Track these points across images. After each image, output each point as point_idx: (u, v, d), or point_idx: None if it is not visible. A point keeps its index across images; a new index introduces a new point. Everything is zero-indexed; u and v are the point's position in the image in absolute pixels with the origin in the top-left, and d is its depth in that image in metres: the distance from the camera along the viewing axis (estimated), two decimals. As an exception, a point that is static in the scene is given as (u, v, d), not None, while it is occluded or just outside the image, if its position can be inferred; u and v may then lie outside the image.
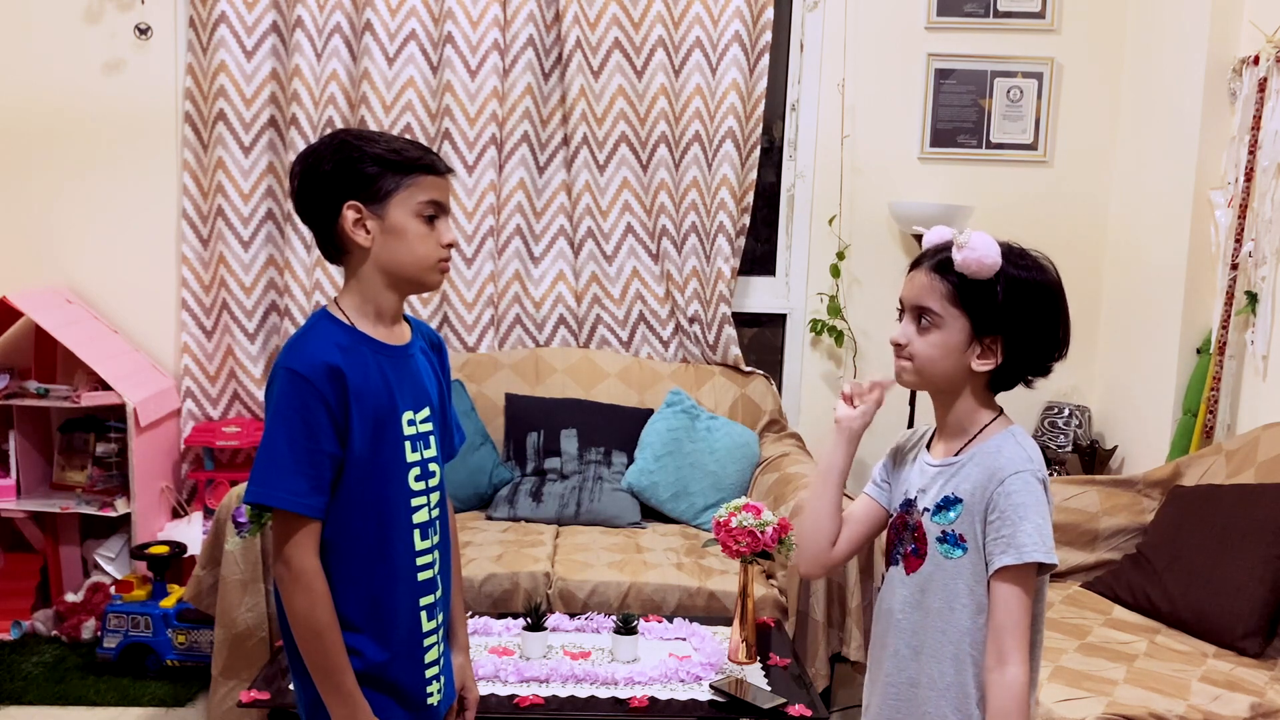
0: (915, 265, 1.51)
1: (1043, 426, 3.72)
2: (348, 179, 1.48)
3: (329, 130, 3.61)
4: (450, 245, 1.54)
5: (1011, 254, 1.44)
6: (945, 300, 1.45)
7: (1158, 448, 3.34)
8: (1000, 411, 1.50)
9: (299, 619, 1.46)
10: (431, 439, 1.56)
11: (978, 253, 1.41)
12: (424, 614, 1.55)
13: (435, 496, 1.57)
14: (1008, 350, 1.45)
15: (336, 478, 1.46)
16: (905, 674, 1.51)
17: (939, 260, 1.46)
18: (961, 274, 1.43)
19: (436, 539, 1.58)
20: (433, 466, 1.57)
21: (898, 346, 1.50)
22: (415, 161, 1.50)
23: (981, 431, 1.48)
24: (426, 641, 1.56)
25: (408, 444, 1.51)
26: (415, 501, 1.53)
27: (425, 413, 1.55)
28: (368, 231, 1.49)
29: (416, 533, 1.53)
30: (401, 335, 1.56)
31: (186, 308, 3.75)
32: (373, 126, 3.63)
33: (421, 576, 1.55)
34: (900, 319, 1.52)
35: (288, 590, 1.47)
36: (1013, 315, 1.43)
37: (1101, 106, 3.77)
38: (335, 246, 1.52)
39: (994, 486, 1.42)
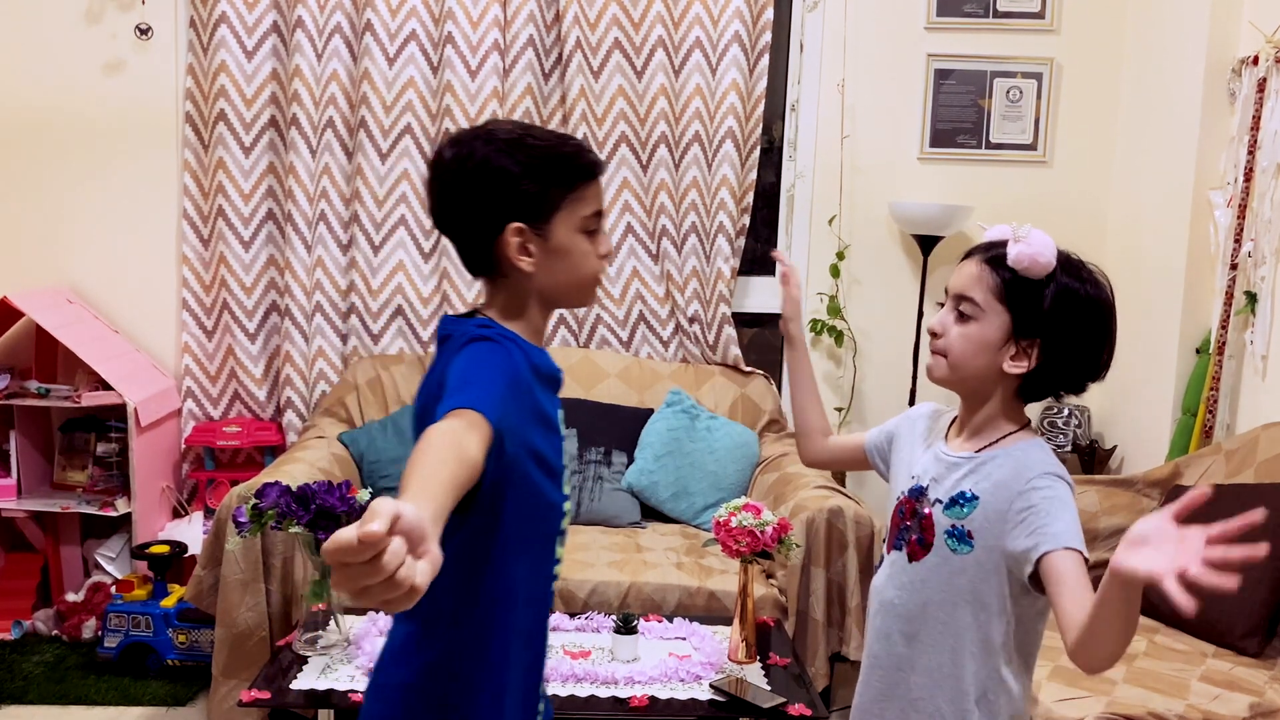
0: (967, 256, 1.49)
1: (1043, 426, 3.72)
2: (506, 198, 1.30)
3: (329, 131, 3.64)
4: (607, 256, 1.39)
5: (1069, 262, 1.43)
6: (990, 293, 1.42)
7: (1157, 448, 3.34)
8: (1027, 423, 1.49)
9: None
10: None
11: (1034, 249, 1.39)
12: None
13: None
14: (1044, 357, 1.42)
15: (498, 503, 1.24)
16: (898, 658, 1.51)
17: (993, 255, 1.44)
18: (1013, 270, 1.41)
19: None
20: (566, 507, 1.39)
21: (933, 335, 1.47)
22: (577, 168, 1.33)
23: (1006, 437, 1.46)
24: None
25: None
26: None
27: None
28: (531, 255, 1.32)
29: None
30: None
31: (187, 308, 3.75)
32: (373, 127, 3.63)
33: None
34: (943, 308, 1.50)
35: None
36: (1056, 322, 1.41)
37: (1101, 106, 3.77)
38: (487, 263, 1.34)
39: (1021, 485, 1.39)
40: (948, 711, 1.45)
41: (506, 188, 1.30)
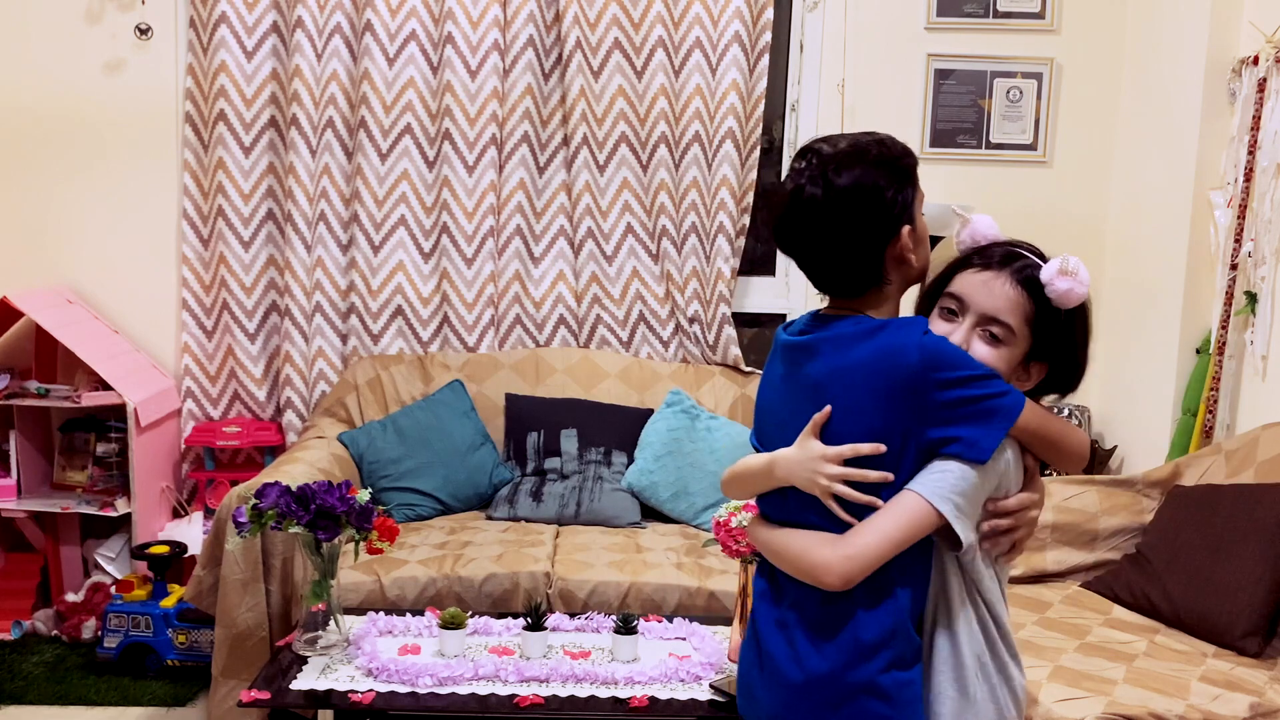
0: (984, 265, 1.45)
1: (1042, 426, 3.72)
2: (894, 206, 1.41)
3: (329, 131, 3.64)
4: None
5: None
6: (1024, 319, 1.42)
7: (1157, 448, 3.34)
8: None
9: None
10: None
11: (1085, 286, 1.39)
12: None
13: None
14: (1044, 375, 1.45)
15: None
16: None
17: (1026, 276, 1.42)
18: (1047, 297, 1.40)
19: None
20: None
21: None
22: (913, 161, 1.46)
23: None
24: None
25: None
26: None
27: None
28: (913, 248, 1.45)
29: None
30: None
31: (187, 308, 3.75)
32: (373, 127, 3.63)
33: None
34: (934, 311, 1.48)
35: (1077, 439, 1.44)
36: (1067, 343, 1.43)
37: (1101, 106, 3.77)
38: (874, 274, 1.44)
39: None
40: (949, 691, 1.43)
41: (891, 201, 1.40)
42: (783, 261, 3.92)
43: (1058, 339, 1.42)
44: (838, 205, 1.39)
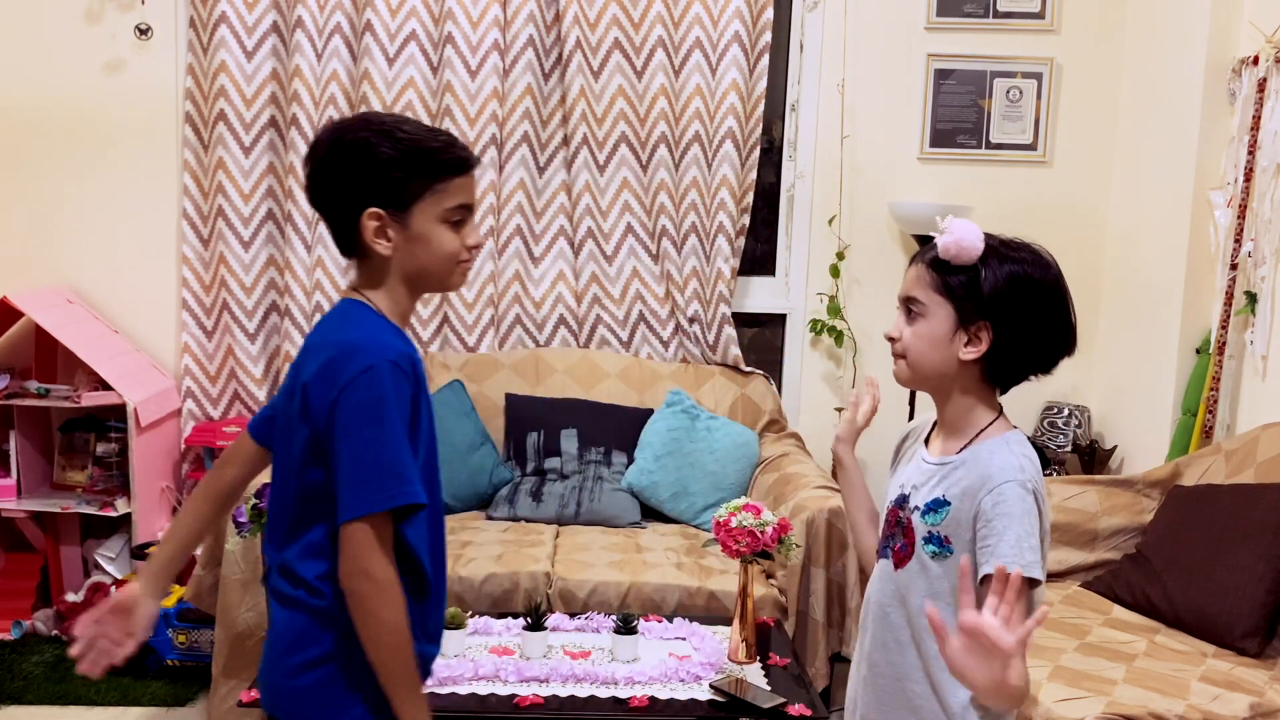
0: (911, 262, 1.52)
1: (1042, 426, 3.72)
2: (368, 183, 1.38)
3: (329, 130, 3.64)
4: (476, 247, 1.47)
5: (1001, 243, 1.44)
6: (930, 289, 1.45)
7: (1157, 448, 3.34)
8: (1000, 412, 1.48)
9: (388, 630, 1.34)
10: None
11: (955, 235, 1.42)
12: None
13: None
14: (998, 340, 1.42)
15: None
16: (893, 666, 1.50)
17: (930, 255, 1.47)
18: (947, 262, 1.43)
19: None
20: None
21: (891, 341, 1.51)
22: (442, 162, 1.40)
23: (980, 434, 1.46)
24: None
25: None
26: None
27: None
28: (389, 240, 1.40)
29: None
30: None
31: (187, 308, 3.75)
32: (373, 127, 3.63)
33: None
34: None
35: (374, 603, 1.33)
36: (998, 302, 1.41)
37: (1101, 106, 3.77)
38: (351, 245, 1.46)
39: (983, 494, 1.40)
40: (947, 717, 1.44)
41: (371, 174, 1.38)
42: (782, 261, 3.92)
43: (978, 296, 1.41)
44: (326, 159, 1.41)
